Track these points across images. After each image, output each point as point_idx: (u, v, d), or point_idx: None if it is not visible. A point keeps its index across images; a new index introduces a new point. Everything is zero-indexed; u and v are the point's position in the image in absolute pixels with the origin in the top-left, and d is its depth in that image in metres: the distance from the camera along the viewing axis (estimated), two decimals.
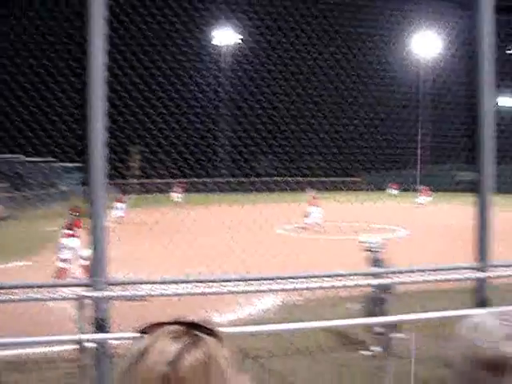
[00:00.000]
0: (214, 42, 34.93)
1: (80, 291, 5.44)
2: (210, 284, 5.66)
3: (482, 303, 5.73)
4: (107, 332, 5.05)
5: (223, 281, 5.67)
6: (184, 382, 1.13)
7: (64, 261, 12.18)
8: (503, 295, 6.35)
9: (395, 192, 45.61)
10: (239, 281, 5.69)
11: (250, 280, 5.73)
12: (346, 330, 8.35)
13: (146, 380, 1.13)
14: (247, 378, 1.25)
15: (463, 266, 6.34)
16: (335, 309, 10.08)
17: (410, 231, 24.21)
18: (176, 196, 39.92)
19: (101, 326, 5.03)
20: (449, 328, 1.37)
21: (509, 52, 24.85)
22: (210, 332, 1.23)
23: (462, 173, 24.60)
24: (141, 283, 6.07)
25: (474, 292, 6.02)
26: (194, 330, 1.21)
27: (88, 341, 5.00)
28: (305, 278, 5.97)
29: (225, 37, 35.85)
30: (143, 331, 1.21)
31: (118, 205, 28.15)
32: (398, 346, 5.60)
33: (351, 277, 6.31)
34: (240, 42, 32.89)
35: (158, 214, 29.76)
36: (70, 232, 12.33)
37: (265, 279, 5.75)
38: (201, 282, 5.76)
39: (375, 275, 8.01)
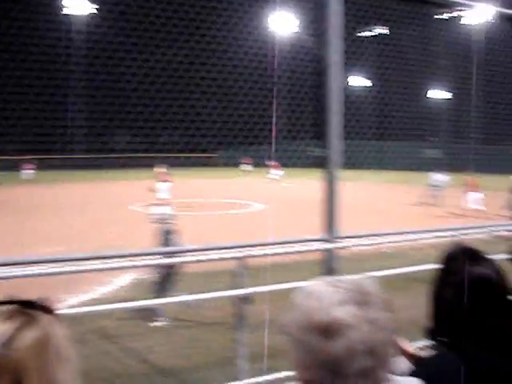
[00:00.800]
0: (66, 11, 33.36)
1: None
2: (64, 263, 5.48)
3: (329, 273, 6.00)
4: None
5: (77, 259, 5.51)
6: (20, 363, 1.08)
7: None
8: (350, 265, 6.68)
9: (249, 168, 46.47)
10: (93, 259, 5.57)
11: (103, 258, 5.62)
12: (202, 304, 8.40)
13: None
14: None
15: (311, 239, 6.59)
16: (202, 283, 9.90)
17: (265, 205, 24.77)
18: (27, 173, 38.31)
19: None
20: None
21: (359, 34, 25.98)
22: (46, 310, 1.19)
23: (313, 148, 25.49)
24: None
25: (324, 263, 6.29)
26: (29, 308, 1.17)
27: None
28: (158, 254, 5.96)
29: (78, 6, 34.34)
30: None
31: None
32: (252, 318, 5.75)
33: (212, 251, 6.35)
34: (95, 11, 31.66)
35: (7, 192, 28.42)
36: None
37: (118, 256, 5.66)
38: (54, 261, 5.56)
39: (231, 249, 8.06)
